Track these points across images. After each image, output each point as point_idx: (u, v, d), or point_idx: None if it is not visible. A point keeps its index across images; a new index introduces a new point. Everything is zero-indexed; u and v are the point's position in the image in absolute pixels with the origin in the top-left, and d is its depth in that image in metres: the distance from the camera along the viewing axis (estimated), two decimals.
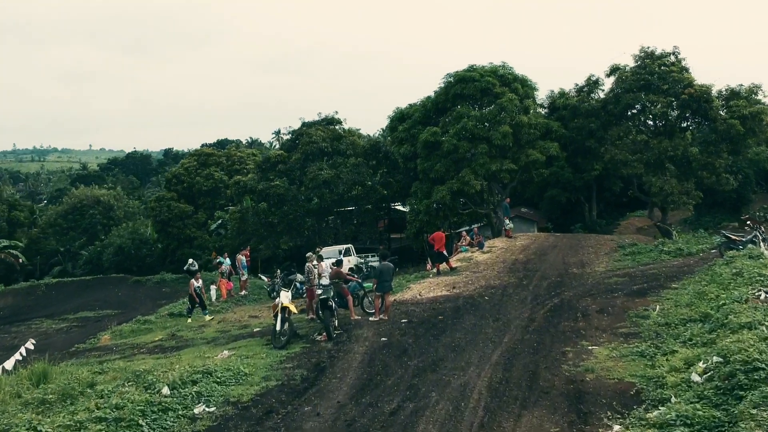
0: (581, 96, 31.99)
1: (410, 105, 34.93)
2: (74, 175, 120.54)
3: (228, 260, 23.19)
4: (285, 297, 12.90)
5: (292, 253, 40.29)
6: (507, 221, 26.83)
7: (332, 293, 13.77)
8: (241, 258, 23.18)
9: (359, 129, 40.98)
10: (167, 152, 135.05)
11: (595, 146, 30.86)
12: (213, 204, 52.14)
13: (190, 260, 27.28)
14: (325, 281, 14.80)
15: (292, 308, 12.81)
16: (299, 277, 22.86)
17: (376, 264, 31.83)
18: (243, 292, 22.96)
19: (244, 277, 23.10)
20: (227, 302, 21.13)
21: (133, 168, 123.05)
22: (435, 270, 21.87)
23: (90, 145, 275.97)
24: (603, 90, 32.41)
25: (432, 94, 33.69)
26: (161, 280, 29.02)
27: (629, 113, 30.63)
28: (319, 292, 14.17)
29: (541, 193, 45.92)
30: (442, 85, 32.94)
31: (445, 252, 22.17)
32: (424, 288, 19.18)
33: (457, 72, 32.10)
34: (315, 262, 16.90)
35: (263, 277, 33.57)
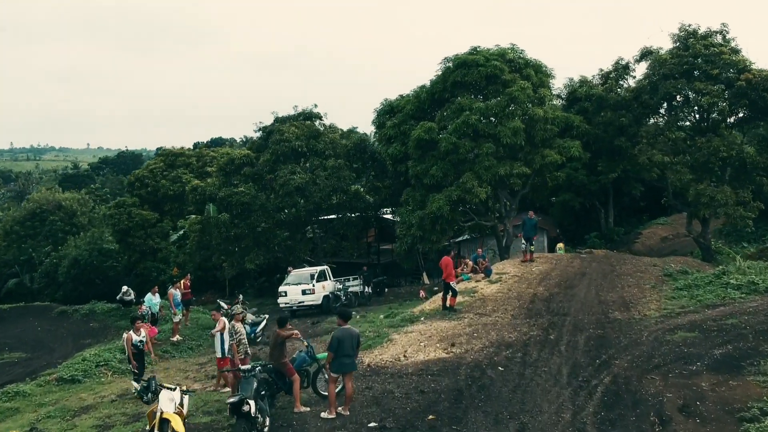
0: (608, 84, 26.95)
1: (401, 96, 29.89)
2: (63, 175, 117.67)
3: (156, 298, 18.00)
4: (167, 402, 7.85)
5: (269, 267, 35.28)
6: (523, 241, 21.77)
7: (255, 386, 8.69)
8: (174, 293, 18.10)
9: (356, 127, 36.00)
10: (159, 151, 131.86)
11: (626, 145, 25.81)
12: (180, 210, 47.12)
13: (124, 288, 22.28)
14: (246, 365, 9.69)
15: (178, 425, 7.72)
16: (249, 317, 17.85)
17: (355, 287, 26.90)
18: (175, 338, 17.89)
19: (176, 318, 18.01)
20: (149, 356, 15.99)
21: (124, 167, 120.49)
22: (447, 305, 16.89)
23: (88, 144, 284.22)
24: (634, 77, 27.41)
25: (428, 83, 28.67)
26: (90, 312, 24.00)
27: (667, 105, 25.58)
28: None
29: (550, 197, 41.31)
30: (440, 72, 27.91)
31: (454, 284, 17.21)
32: (411, 343, 14.18)
33: (457, 55, 27.10)
34: (248, 318, 11.82)
35: (223, 304, 28.55)
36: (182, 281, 20.04)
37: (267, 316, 18.74)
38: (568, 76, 30.24)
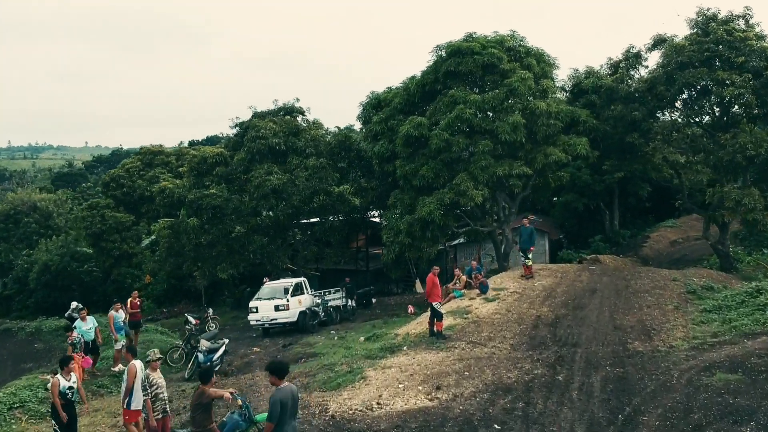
0: (619, 74, 24.45)
1: (389, 89, 27.43)
2: (57, 174, 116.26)
3: (87, 323, 15.40)
4: None
5: (252, 274, 32.71)
6: (522, 255, 19.27)
7: None
8: (114, 315, 15.58)
9: (353, 125, 33.52)
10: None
11: (638, 142, 23.33)
12: (157, 213, 44.57)
13: (74, 304, 19.75)
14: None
15: None
16: (204, 343, 15.41)
17: (337, 301, 24.22)
18: (117, 369, 15.41)
19: (118, 345, 15.49)
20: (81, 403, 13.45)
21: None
22: (435, 330, 14.49)
23: (86, 142, 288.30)
24: (646, 67, 24.98)
25: (419, 74, 26.18)
26: (37, 330, 21.52)
27: (687, 97, 23.12)
28: None
29: (552, 197, 39.11)
30: (432, 62, 25.43)
31: (439, 305, 14.71)
32: (389, 383, 11.74)
33: (450, 43, 24.62)
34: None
35: (191, 318, 26.10)
36: (128, 300, 17.54)
37: (226, 340, 16.30)
38: (573, 66, 27.73)
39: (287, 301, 21.37)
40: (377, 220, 32.64)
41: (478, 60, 23.45)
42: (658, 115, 24.07)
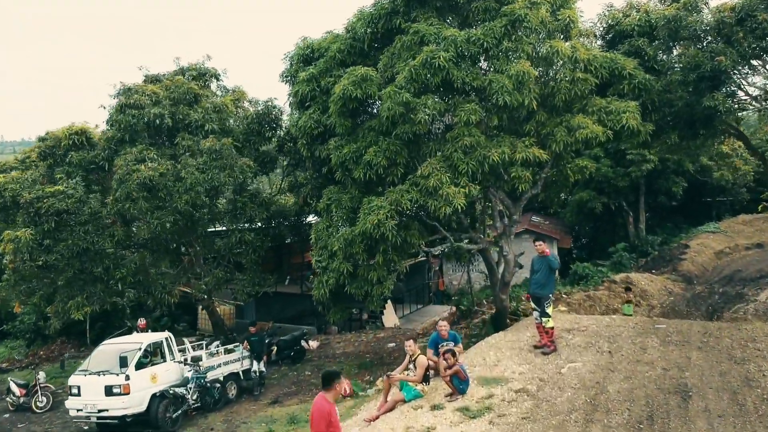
0: (685, 2, 15.67)
1: (328, 33, 18.72)
2: None
3: None
4: None
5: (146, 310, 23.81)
6: (532, 306, 10.54)
7: None
8: None
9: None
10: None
11: (724, 108, 14.55)
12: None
13: None
14: None
15: None
16: None
17: (233, 366, 15.33)
18: None
19: None
20: None
21: None
22: None
23: None
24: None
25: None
26: None
27: None
28: None
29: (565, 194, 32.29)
30: None
31: None
32: None
33: None
34: None
35: (14, 387, 17.59)
36: None
37: None
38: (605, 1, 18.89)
39: (126, 378, 12.63)
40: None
41: None
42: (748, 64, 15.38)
